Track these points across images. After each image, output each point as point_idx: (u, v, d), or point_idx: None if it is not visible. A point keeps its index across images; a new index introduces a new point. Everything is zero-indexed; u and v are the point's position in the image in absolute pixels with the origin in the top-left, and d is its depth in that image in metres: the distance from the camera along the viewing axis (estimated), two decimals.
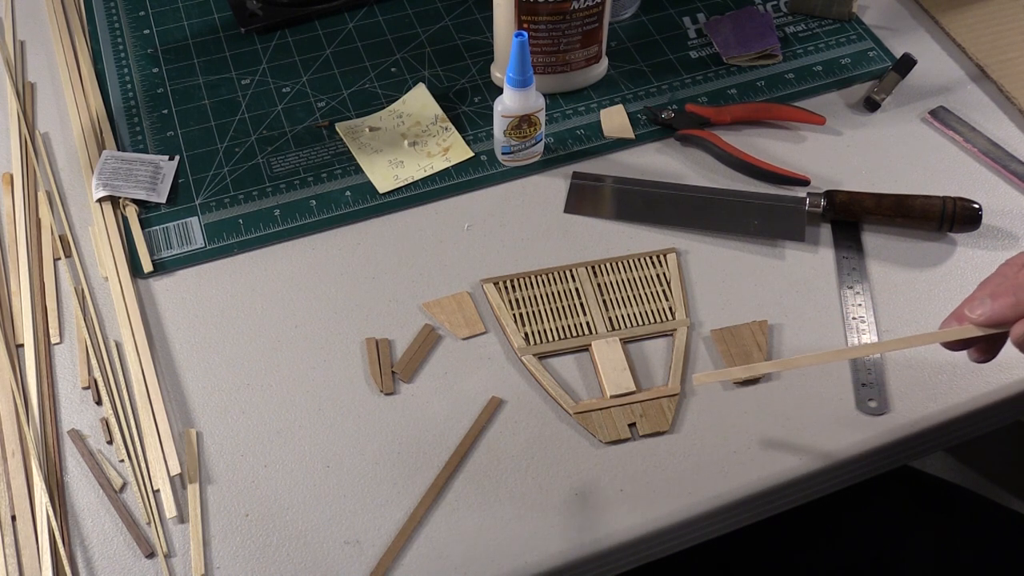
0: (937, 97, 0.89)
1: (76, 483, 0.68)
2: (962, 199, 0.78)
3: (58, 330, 0.75)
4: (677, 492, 0.66)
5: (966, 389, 0.70)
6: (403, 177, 0.84)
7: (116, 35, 0.97)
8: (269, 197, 0.83)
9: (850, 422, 0.69)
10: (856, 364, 0.72)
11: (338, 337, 0.74)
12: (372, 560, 0.64)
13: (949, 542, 0.82)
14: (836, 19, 0.96)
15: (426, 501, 0.66)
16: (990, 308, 0.58)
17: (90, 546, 0.65)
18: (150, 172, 0.84)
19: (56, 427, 0.70)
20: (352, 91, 0.91)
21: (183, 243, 0.80)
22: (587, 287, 0.77)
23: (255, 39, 0.96)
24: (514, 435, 0.69)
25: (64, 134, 0.89)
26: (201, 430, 0.70)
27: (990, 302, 0.58)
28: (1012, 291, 0.57)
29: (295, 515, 0.66)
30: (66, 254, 0.80)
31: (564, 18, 0.83)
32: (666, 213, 0.81)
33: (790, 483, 0.67)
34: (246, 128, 0.88)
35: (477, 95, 0.91)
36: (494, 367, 0.73)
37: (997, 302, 0.57)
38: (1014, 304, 0.57)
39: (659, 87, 0.91)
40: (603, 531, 0.65)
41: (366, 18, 0.97)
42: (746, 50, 0.92)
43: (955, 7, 0.95)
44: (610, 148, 0.86)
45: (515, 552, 0.64)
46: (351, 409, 0.71)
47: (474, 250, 0.79)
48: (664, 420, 0.69)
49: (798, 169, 0.83)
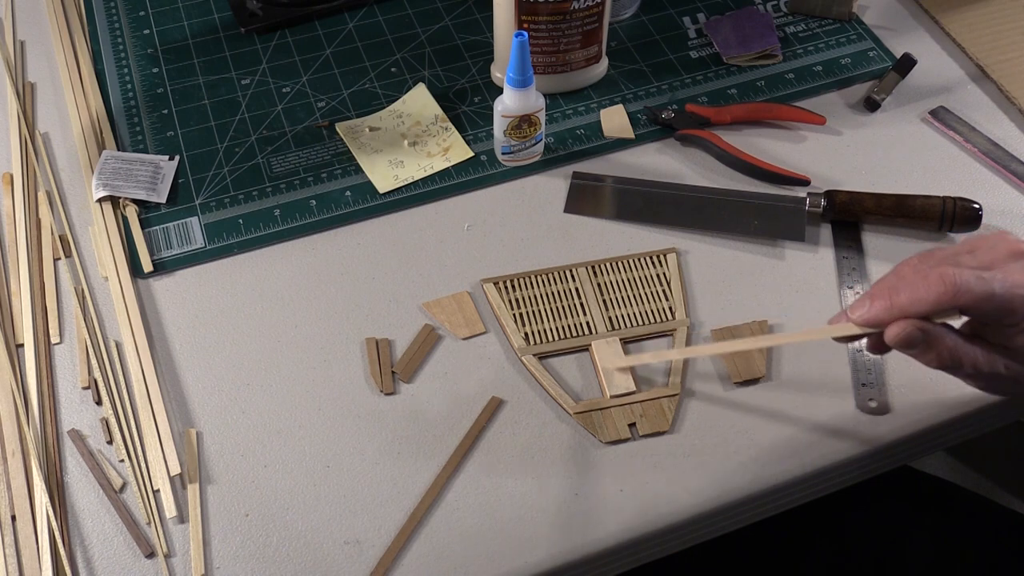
0: (937, 97, 0.89)
1: (76, 483, 0.68)
2: (962, 199, 0.78)
3: (58, 330, 0.75)
4: (677, 492, 0.66)
5: (966, 389, 0.70)
6: (403, 177, 0.84)
7: (116, 35, 0.97)
8: (269, 197, 0.83)
9: (850, 422, 0.69)
10: (856, 364, 0.72)
11: (338, 337, 0.74)
12: (372, 560, 0.64)
13: (949, 542, 0.82)
14: (836, 19, 0.96)
15: (426, 501, 0.66)
16: (867, 310, 0.59)
17: (90, 546, 0.65)
18: (150, 172, 0.84)
19: (56, 427, 0.70)
20: (352, 91, 0.91)
21: (183, 243, 0.80)
22: (587, 287, 0.77)
23: (255, 39, 0.96)
24: (514, 435, 0.69)
25: (64, 134, 0.89)
26: (201, 430, 0.70)
27: (868, 304, 0.59)
28: (888, 294, 0.58)
29: (295, 515, 0.66)
30: (66, 254, 0.80)
31: (564, 18, 0.83)
32: (666, 213, 0.81)
33: (790, 483, 0.67)
34: (246, 128, 0.88)
35: (477, 95, 0.91)
36: (494, 367, 0.73)
37: (874, 304, 0.59)
38: (888, 307, 0.58)
39: (659, 87, 0.91)
40: (603, 531, 0.65)
41: (366, 18, 0.97)
42: (746, 50, 0.92)
43: (955, 7, 0.95)
44: (610, 148, 0.86)
45: (515, 552, 0.64)
46: (351, 409, 0.71)
47: (474, 250, 0.79)
48: (664, 420, 0.69)
49: (798, 169, 0.83)
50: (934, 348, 0.58)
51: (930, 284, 0.57)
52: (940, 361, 0.59)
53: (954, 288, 0.56)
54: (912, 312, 0.58)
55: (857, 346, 0.72)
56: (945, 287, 0.56)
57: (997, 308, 0.56)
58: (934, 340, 0.58)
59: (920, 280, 0.57)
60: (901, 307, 0.58)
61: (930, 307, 0.57)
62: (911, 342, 0.58)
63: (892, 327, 0.58)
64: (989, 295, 0.56)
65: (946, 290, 0.56)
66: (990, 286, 0.56)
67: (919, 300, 0.57)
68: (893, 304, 0.58)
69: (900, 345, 0.58)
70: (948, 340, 0.58)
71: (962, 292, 0.56)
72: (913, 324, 0.58)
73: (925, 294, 0.57)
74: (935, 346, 0.58)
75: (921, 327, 0.58)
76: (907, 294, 0.58)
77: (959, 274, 0.56)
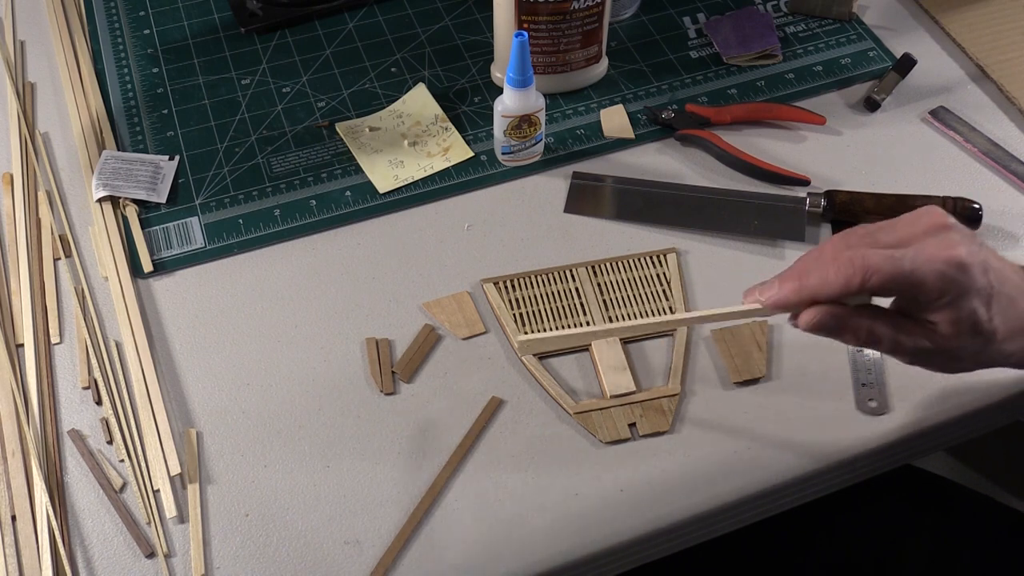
0: (937, 97, 0.89)
1: (76, 483, 0.68)
2: (962, 199, 0.78)
3: (58, 330, 0.75)
4: (677, 492, 0.66)
5: (966, 389, 0.70)
6: (403, 177, 0.84)
7: (116, 35, 0.97)
8: (269, 197, 0.83)
9: (850, 422, 0.69)
10: (856, 364, 0.72)
11: (338, 337, 0.74)
12: (372, 560, 0.64)
13: (949, 541, 0.82)
14: (836, 19, 0.96)
15: (426, 501, 0.66)
16: (775, 292, 0.59)
17: (90, 546, 0.65)
18: (150, 172, 0.84)
19: (56, 427, 0.70)
20: (352, 91, 0.91)
21: (183, 243, 0.80)
22: (587, 287, 0.77)
23: (255, 39, 0.96)
24: (514, 435, 0.69)
25: (64, 134, 0.89)
26: (201, 430, 0.70)
27: (778, 286, 0.59)
28: (797, 276, 0.58)
29: (295, 515, 0.66)
30: (66, 254, 0.80)
31: (564, 18, 0.83)
32: (666, 213, 0.81)
33: (790, 483, 0.67)
34: (246, 128, 0.88)
35: (477, 95, 0.91)
36: (494, 367, 0.73)
37: (784, 286, 0.58)
38: (797, 290, 0.58)
39: (659, 87, 0.91)
40: (603, 531, 0.65)
41: (366, 18, 0.97)
42: (746, 50, 0.92)
43: (955, 7, 0.95)
44: (610, 148, 0.86)
45: (515, 552, 0.64)
46: (351, 409, 0.71)
47: (474, 250, 0.79)
48: (664, 420, 0.69)
49: (798, 169, 0.83)
50: (848, 330, 0.58)
51: (839, 267, 0.56)
52: (858, 341, 0.58)
53: (862, 271, 0.55)
54: (821, 296, 0.57)
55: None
56: (853, 269, 0.55)
57: (909, 286, 0.56)
58: (846, 323, 0.58)
59: (830, 263, 0.56)
60: (810, 290, 0.57)
61: (838, 291, 0.56)
62: (821, 328, 0.58)
63: (803, 315, 0.58)
64: (899, 274, 0.55)
65: (854, 272, 0.55)
66: (900, 265, 0.55)
67: (827, 284, 0.56)
68: (802, 287, 0.57)
69: (810, 331, 0.58)
70: (862, 321, 0.58)
71: (870, 274, 0.55)
72: (822, 311, 0.57)
73: (834, 278, 0.56)
74: (848, 329, 0.58)
75: (831, 312, 0.57)
76: (816, 277, 0.57)
77: (868, 256, 0.55)
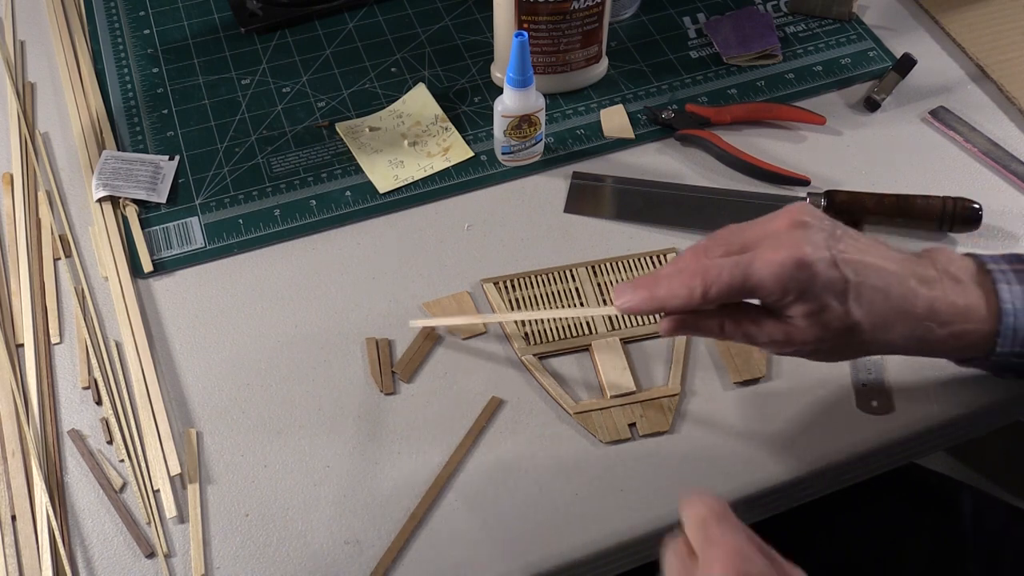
0: (937, 97, 0.89)
1: (76, 483, 0.68)
2: (962, 199, 0.78)
3: (58, 330, 0.75)
4: (677, 492, 0.66)
5: (966, 389, 0.70)
6: (403, 177, 0.84)
7: (116, 35, 0.97)
8: (269, 197, 0.83)
9: (851, 422, 0.69)
10: (857, 364, 0.72)
11: (338, 337, 0.74)
12: (372, 560, 0.64)
13: (950, 541, 0.82)
14: (836, 19, 0.96)
15: (426, 501, 0.66)
16: (628, 299, 0.60)
17: (90, 546, 0.65)
18: (150, 172, 0.84)
19: (56, 427, 0.70)
20: (352, 91, 0.91)
21: (183, 243, 0.80)
22: (587, 287, 0.77)
23: (255, 39, 0.96)
24: (514, 435, 0.69)
25: (64, 134, 0.89)
26: (201, 430, 0.70)
27: (631, 292, 0.60)
28: (650, 285, 0.59)
29: (295, 515, 0.66)
30: (66, 254, 0.80)
31: (564, 18, 0.83)
32: (666, 213, 0.81)
33: (790, 483, 0.67)
34: (246, 128, 0.88)
35: (477, 95, 0.91)
36: (494, 367, 0.73)
37: (636, 294, 0.60)
38: (648, 299, 0.59)
39: (659, 87, 0.91)
40: (603, 531, 0.65)
41: (366, 18, 0.97)
42: (746, 50, 0.92)
43: (955, 7, 0.95)
44: (610, 148, 0.86)
45: (515, 552, 0.64)
46: (351, 409, 0.71)
47: (474, 250, 0.79)
48: (664, 420, 0.69)
49: (798, 169, 0.83)
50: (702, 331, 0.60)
51: (684, 280, 0.58)
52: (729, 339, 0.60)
53: (703, 285, 0.57)
54: (669, 307, 0.59)
55: None
56: (694, 283, 0.57)
57: (749, 291, 0.57)
58: (697, 325, 0.60)
59: (677, 275, 0.58)
60: (659, 302, 0.59)
61: (683, 303, 0.58)
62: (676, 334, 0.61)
63: (661, 323, 0.60)
64: (736, 283, 0.56)
65: (695, 286, 0.57)
66: (736, 273, 0.56)
67: (674, 296, 0.58)
68: (652, 298, 0.59)
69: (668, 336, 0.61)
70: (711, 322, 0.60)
71: (709, 286, 0.57)
72: (674, 321, 0.60)
73: (679, 290, 0.58)
74: (701, 329, 0.60)
75: (682, 321, 0.60)
76: (665, 288, 0.58)
77: (709, 269, 0.57)
